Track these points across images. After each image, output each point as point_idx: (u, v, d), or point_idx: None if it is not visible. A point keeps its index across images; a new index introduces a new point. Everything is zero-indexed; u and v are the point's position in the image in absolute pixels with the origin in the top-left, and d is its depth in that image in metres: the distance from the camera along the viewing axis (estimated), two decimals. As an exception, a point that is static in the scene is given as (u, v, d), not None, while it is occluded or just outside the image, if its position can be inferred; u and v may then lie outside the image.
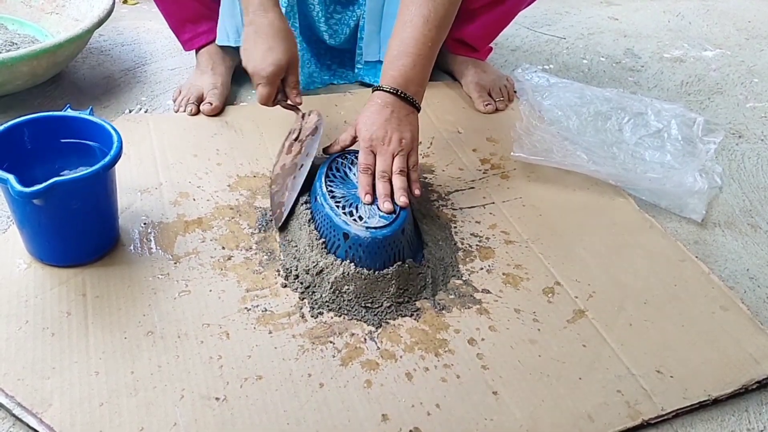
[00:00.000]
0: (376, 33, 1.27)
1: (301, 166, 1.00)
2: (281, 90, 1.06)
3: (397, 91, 0.95)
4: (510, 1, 1.26)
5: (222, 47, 1.28)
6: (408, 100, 0.96)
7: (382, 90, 0.96)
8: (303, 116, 1.09)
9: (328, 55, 1.37)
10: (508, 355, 0.82)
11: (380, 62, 0.95)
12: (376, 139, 0.94)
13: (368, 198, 0.91)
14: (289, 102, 1.08)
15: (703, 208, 1.08)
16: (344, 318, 0.85)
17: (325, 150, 1.02)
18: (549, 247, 0.98)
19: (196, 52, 1.31)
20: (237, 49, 1.29)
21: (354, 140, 0.99)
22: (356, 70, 1.35)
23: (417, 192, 0.94)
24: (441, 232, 0.99)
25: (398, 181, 0.92)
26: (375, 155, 0.94)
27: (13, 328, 0.81)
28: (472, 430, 0.74)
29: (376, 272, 0.86)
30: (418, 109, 0.98)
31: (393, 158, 0.94)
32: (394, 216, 0.88)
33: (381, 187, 0.92)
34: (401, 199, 0.90)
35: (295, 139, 1.07)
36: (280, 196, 1.00)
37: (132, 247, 0.93)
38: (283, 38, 1.03)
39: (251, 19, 1.03)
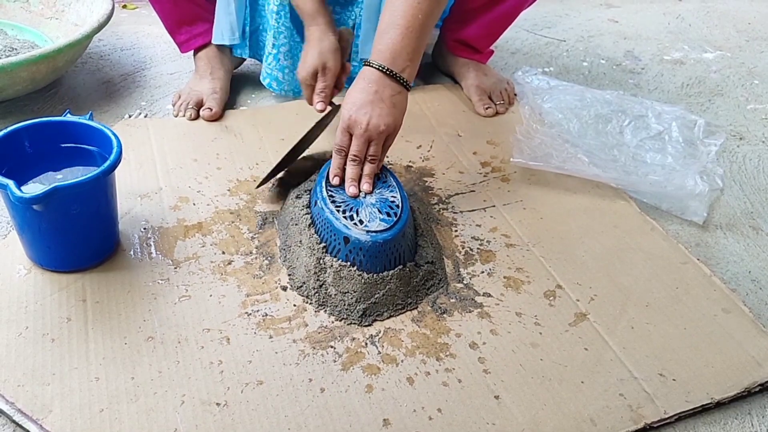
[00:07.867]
0: (373, 31, 1.26)
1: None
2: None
3: (384, 67, 0.90)
4: (509, 1, 1.26)
5: (220, 50, 1.28)
6: (395, 77, 0.91)
7: (370, 66, 0.92)
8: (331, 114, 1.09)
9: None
10: (510, 358, 0.82)
11: None
12: (354, 122, 0.91)
13: (336, 180, 0.92)
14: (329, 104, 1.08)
15: (704, 211, 1.07)
16: (345, 322, 0.85)
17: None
18: (550, 250, 0.98)
19: (195, 56, 1.31)
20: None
21: None
22: (352, 68, 1.34)
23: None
24: (441, 235, 0.99)
25: (367, 168, 0.92)
26: (351, 136, 0.92)
27: (13, 333, 0.80)
28: (474, 435, 0.74)
29: (377, 276, 0.86)
30: (408, 88, 0.93)
31: (369, 143, 0.92)
32: (394, 219, 0.88)
33: (350, 171, 0.92)
34: (364, 186, 0.91)
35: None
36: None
37: (132, 252, 0.93)
38: (314, 46, 1.06)
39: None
